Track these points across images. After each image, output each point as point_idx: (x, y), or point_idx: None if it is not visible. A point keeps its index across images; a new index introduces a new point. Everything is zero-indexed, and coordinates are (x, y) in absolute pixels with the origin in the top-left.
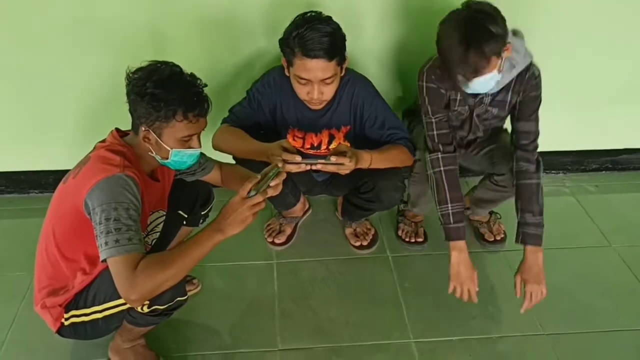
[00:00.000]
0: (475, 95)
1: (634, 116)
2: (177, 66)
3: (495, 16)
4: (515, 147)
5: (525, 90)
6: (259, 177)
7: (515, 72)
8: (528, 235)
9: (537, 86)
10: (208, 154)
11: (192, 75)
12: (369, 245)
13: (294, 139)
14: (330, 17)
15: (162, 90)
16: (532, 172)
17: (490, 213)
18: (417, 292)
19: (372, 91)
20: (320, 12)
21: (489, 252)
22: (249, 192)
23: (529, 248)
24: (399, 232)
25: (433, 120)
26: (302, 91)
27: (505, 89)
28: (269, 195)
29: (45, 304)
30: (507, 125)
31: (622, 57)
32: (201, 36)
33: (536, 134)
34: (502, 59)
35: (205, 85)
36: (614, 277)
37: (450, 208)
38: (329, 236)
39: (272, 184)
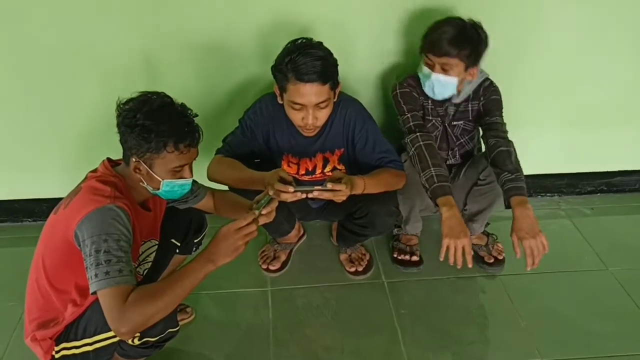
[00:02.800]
0: (442, 104)
1: (627, 138)
2: (168, 97)
3: (484, 39)
4: (487, 137)
5: (485, 95)
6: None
7: (473, 85)
8: (509, 190)
9: (497, 92)
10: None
11: (182, 105)
12: (364, 271)
13: (288, 165)
14: (321, 43)
15: (152, 122)
16: (503, 142)
17: (487, 235)
18: (413, 318)
19: (364, 113)
20: (311, 38)
21: (486, 278)
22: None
23: (514, 201)
24: (395, 254)
25: (409, 115)
26: (296, 117)
27: (465, 100)
28: (261, 223)
29: (36, 337)
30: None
31: (614, 79)
32: (194, 63)
33: (504, 125)
34: (464, 73)
35: (196, 115)
36: (611, 300)
37: (433, 171)
38: (324, 262)
39: (264, 211)
